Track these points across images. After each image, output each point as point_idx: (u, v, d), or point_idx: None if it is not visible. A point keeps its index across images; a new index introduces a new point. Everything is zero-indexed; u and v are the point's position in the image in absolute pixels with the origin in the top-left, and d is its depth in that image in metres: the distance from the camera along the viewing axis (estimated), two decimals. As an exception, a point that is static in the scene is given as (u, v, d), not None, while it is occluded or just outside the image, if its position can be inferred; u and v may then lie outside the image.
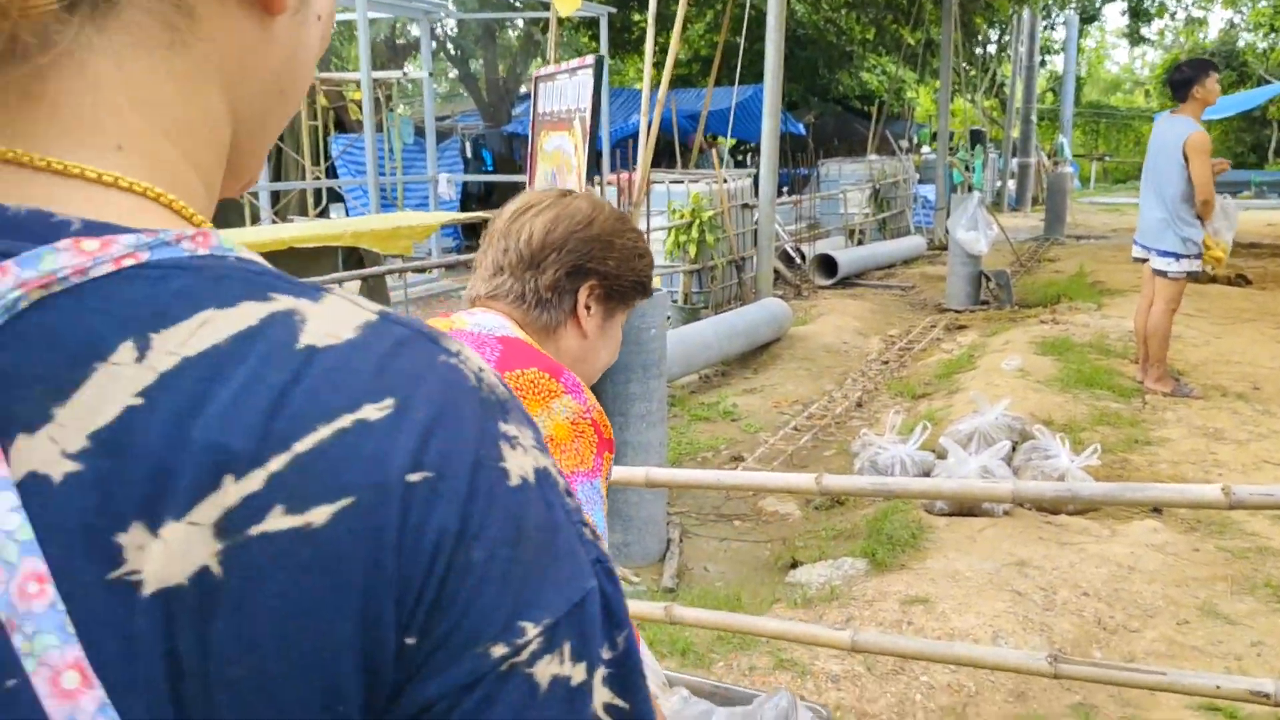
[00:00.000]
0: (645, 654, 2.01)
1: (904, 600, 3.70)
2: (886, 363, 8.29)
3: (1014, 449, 5.18)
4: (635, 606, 2.28)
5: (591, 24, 18.42)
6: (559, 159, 4.30)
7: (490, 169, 18.39)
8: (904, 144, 17.45)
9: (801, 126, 20.03)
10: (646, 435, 4.38)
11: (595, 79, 3.76)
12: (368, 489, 0.42)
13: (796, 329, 8.96)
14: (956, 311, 10.24)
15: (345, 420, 0.42)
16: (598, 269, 1.43)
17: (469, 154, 17.97)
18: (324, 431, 0.42)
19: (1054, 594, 3.87)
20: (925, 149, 21.01)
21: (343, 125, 16.04)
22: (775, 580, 4.27)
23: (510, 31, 20.11)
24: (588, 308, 1.44)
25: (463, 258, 8.43)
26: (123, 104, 0.47)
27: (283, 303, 0.45)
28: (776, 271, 10.92)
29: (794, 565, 4.37)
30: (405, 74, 13.42)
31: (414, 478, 0.43)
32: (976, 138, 18.86)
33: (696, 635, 3.35)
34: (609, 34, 13.09)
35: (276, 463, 0.41)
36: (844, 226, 13.90)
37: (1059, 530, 4.55)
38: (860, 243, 13.95)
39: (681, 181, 9.76)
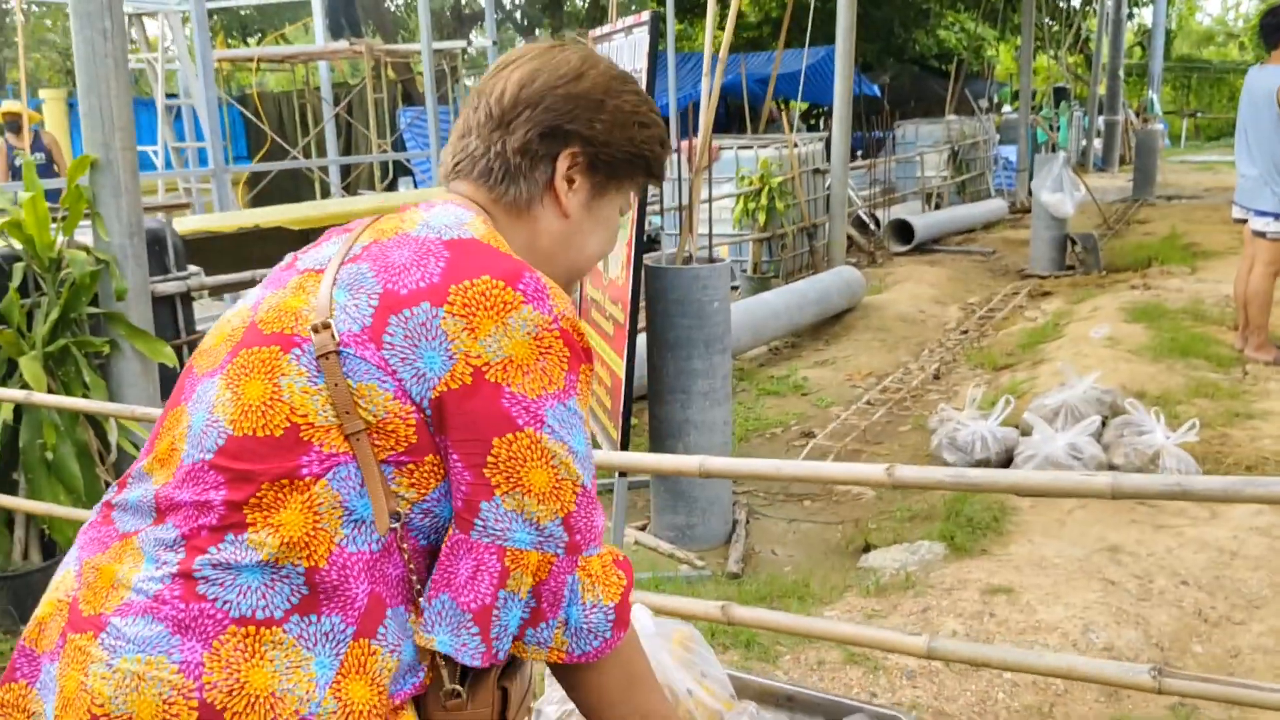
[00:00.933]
0: (710, 661, 1.83)
1: (985, 589, 3.47)
2: (966, 332, 7.95)
3: (1104, 424, 4.87)
4: (689, 605, 2.10)
5: (659, -12, 18.08)
6: (616, 124, 4.09)
7: (559, 139, 18.19)
8: (983, 104, 16.81)
9: (876, 88, 19.46)
10: (710, 414, 4.19)
11: (651, 37, 3.55)
12: None
13: (870, 297, 8.66)
14: (1040, 277, 9.81)
15: None
16: (581, 132, 1.19)
17: (537, 124, 17.80)
18: None
19: (1150, 582, 3.60)
20: (1006, 108, 20.28)
21: (410, 98, 16.01)
22: (847, 565, 4.06)
23: (577, -1, 19.87)
24: (570, 180, 1.20)
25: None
26: None
27: None
28: (850, 238, 10.59)
29: (867, 549, 4.15)
30: (470, 44, 13.30)
31: None
32: (1060, 95, 18.12)
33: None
34: (676, -3, 12.78)
35: None
36: (921, 190, 13.45)
37: (1154, 512, 4.25)
38: (938, 207, 13.49)
39: (750, 147, 9.49)
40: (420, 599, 1.08)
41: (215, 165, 8.63)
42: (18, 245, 3.81)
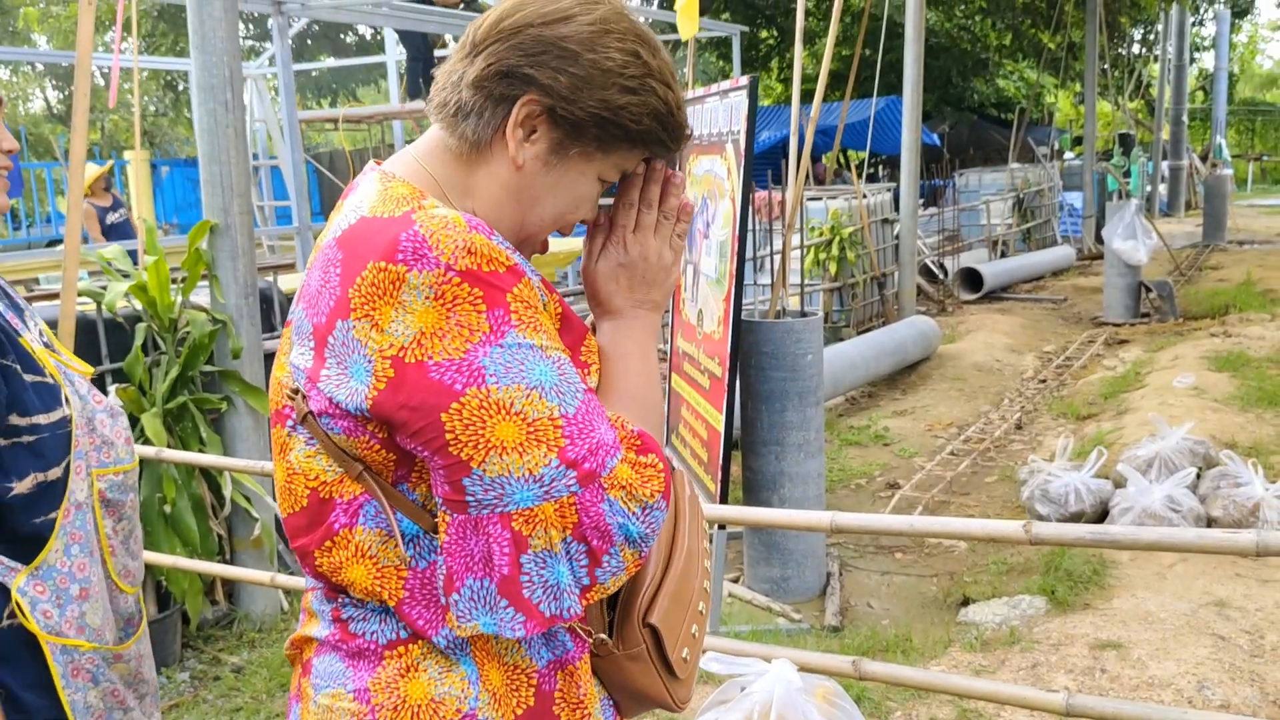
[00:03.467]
0: (855, 715, 1.86)
1: (1093, 644, 3.44)
2: (1044, 381, 7.89)
3: (1199, 475, 4.81)
4: (822, 660, 2.14)
5: (719, 44, 18.36)
6: (710, 183, 4.19)
7: (620, 191, 18.43)
8: (1045, 151, 16.77)
9: (936, 137, 19.49)
10: (804, 465, 4.22)
11: (750, 101, 3.64)
12: None
13: (944, 346, 8.64)
14: (1115, 325, 9.72)
15: None
16: (540, 80, 1.07)
17: (600, 177, 18.07)
18: None
19: (1261, 638, 3.54)
20: (1068, 155, 20.17)
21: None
22: (946, 619, 4.05)
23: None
24: (530, 130, 1.10)
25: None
26: None
27: None
28: (919, 287, 10.59)
29: (965, 603, 4.13)
30: (538, 101, 13.57)
31: None
32: (1125, 141, 18.00)
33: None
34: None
35: None
36: (986, 238, 13.42)
37: (1257, 566, 4.18)
38: (1004, 254, 13.43)
39: (819, 199, 9.56)
40: (446, 595, 1.06)
41: (300, 223, 8.88)
42: (139, 306, 3.99)
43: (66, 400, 1.38)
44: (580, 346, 1.14)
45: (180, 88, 19.54)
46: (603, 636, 1.13)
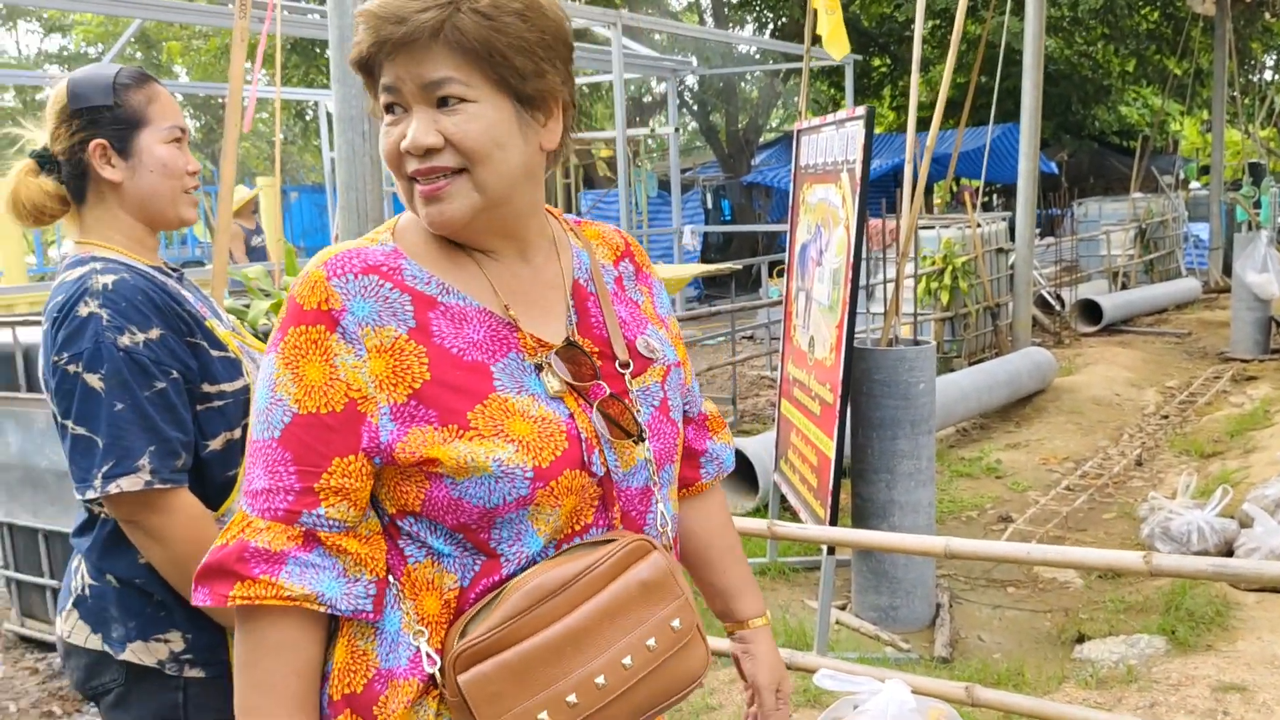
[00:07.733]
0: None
1: (1216, 687, 3.35)
2: (1166, 417, 7.65)
3: (1332, 518, 4.62)
4: (934, 685, 2.16)
5: (831, 72, 18.35)
6: (824, 211, 4.24)
7: (728, 219, 18.56)
8: (1169, 180, 16.25)
9: (1053, 165, 19.07)
10: (915, 494, 4.21)
11: (866, 130, 3.69)
12: None
13: (1061, 379, 8.44)
14: (1243, 361, 9.36)
15: None
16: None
17: (709, 204, 18.23)
18: None
19: (1399, 689, 3.39)
20: (1194, 184, 19.49)
21: (591, 181, 16.65)
22: (1061, 655, 3.97)
23: (750, 85, 20.33)
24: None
25: (708, 309, 8.50)
26: None
27: None
28: (1034, 318, 10.37)
29: (1080, 640, 4.05)
30: (652, 130, 13.80)
31: None
32: (1255, 171, 17.30)
33: (982, 714, 3.15)
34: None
35: None
36: (1106, 269, 13.05)
37: (1396, 613, 4.00)
38: (1125, 286, 13.04)
39: (932, 227, 9.46)
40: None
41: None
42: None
43: (247, 373, 1.70)
44: (471, 407, 1.12)
45: (309, 117, 20.39)
46: (434, 672, 1.09)
